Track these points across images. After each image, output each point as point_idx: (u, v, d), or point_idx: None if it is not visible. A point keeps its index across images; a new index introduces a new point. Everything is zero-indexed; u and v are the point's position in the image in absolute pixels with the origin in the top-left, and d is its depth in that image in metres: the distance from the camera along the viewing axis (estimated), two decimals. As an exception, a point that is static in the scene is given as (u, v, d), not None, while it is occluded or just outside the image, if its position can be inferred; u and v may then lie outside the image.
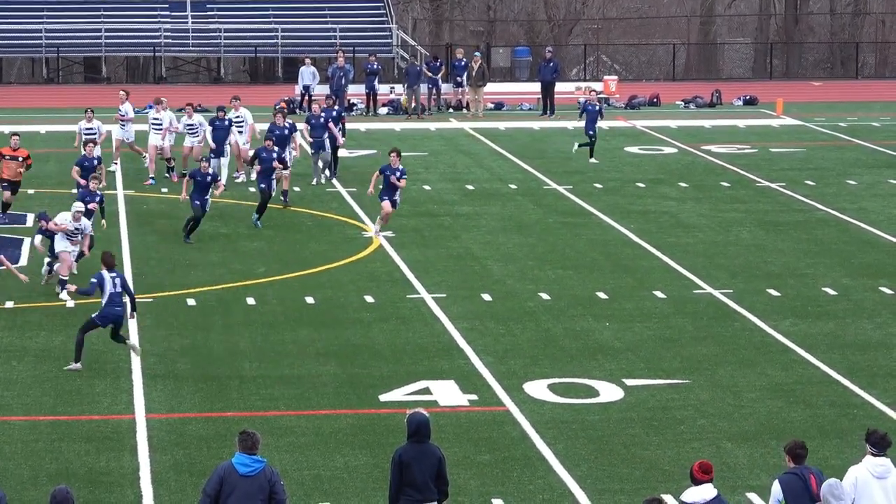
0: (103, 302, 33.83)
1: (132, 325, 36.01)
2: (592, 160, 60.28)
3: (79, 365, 34.18)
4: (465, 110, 76.74)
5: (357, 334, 37.31)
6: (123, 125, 57.15)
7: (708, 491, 21.70)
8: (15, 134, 50.71)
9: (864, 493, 22.33)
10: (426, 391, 33.22)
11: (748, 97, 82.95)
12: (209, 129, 54.48)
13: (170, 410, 31.63)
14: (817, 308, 40.08)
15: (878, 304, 40.49)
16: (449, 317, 38.54)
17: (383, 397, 32.86)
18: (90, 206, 42.31)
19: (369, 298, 39.76)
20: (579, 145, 60.89)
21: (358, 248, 45.01)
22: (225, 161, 53.92)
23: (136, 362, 34.14)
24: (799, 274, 43.51)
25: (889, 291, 41.60)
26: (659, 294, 41.24)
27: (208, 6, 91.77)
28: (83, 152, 48.87)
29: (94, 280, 34.08)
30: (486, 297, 40.04)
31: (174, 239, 46.15)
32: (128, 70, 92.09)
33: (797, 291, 41.62)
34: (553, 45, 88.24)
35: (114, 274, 34.19)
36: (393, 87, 78.52)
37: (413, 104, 75.82)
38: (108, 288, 33.83)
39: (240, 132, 55.54)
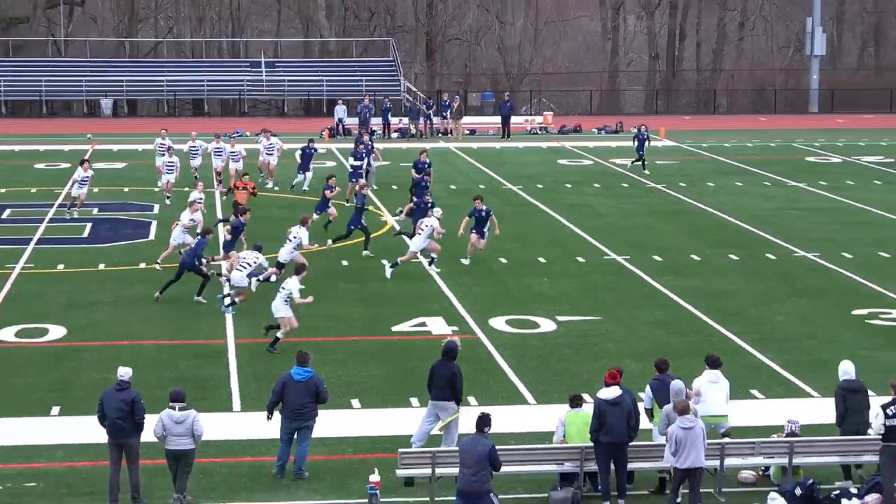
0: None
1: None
2: (646, 172, 60.38)
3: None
4: (449, 135, 76.69)
5: (377, 286, 37.30)
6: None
7: (615, 391, 21.78)
8: (246, 173, 48.15)
9: (704, 393, 23.26)
10: (423, 325, 33.21)
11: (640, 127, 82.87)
12: (298, 152, 53.62)
13: (250, 336, 31.66)
14: (687, 269, 40.08)
15: (728, 266, 40.51)
16: (438, 275, 38.51)
17: (394, 328, 32.89)
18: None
19: (385, 261, 39.76)
20: (633, 162, 61.20)
21: (375, 228, 44.87)
22: (309, 175, 53.38)
23: (227, 302, 34.13)
24: (675, 246, 43.49)
25: (735, 257, 41.61)
26: (580, 259, 41.22)
27: (276, 64, 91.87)
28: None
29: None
30: (464, 261, 40.00)
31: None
32: (222, 107, 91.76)
33: (674, 258, 41.61)
34: (509, 90, 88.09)
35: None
36: (401, 119, 78.43)
37: (414, 130, 75.93)
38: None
39: (269, 154, 54.66)
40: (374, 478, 21.59)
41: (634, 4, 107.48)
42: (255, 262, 34.01)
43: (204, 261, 35.13)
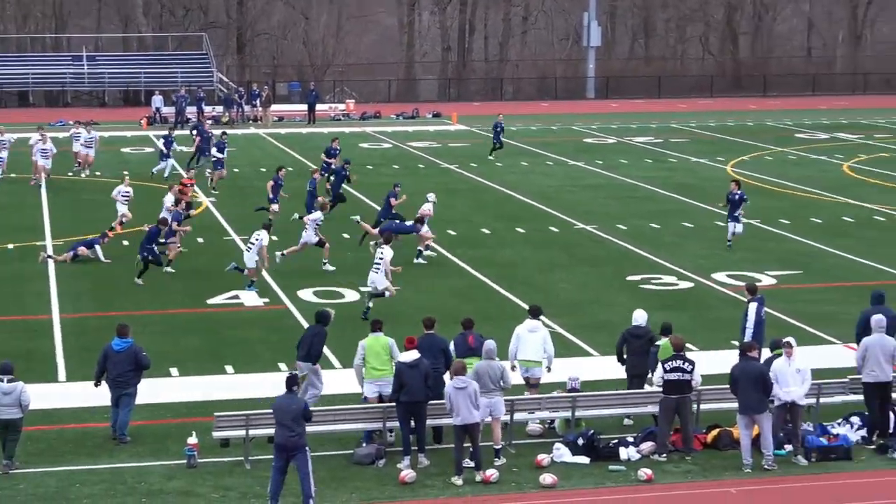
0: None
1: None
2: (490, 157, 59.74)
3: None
4: (259, 122, 75.88)
5: (193, 262, 36.77)
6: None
7: (413, 354, 21.76)
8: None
9: (521, 339, 23.68)
10: (236, 297, 32.88)
11: (435, 112, 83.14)
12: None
13: (74, 312, 31.04)
14: (478, 241, 40.28)
15: (514, 239, 40.78)
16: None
17: (209, 301, 32.49)
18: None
19: (200, 240, 39.19)
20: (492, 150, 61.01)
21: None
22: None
23: (52, 279, 33.39)
24: (467, 220, 43.68)
25: (522, 231, 41.92)
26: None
27: (97, 58, 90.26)
28: None
29: None
30: (274, 237, 39.60)
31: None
32: (46, 99, 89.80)
33: (467, 231, 41.78)
34: (314, 81, 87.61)
35: None
36: (214, 108, 77.51)
37: (227, 118, 75.03)
38: None
39: (89, 147, 53.32)
40: (192, 440, 21.43)
41: (428, 1, 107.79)
42: (256, 241, 33.11)
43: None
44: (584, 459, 21.64)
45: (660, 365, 22.10)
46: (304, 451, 19.71)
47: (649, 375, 22.91)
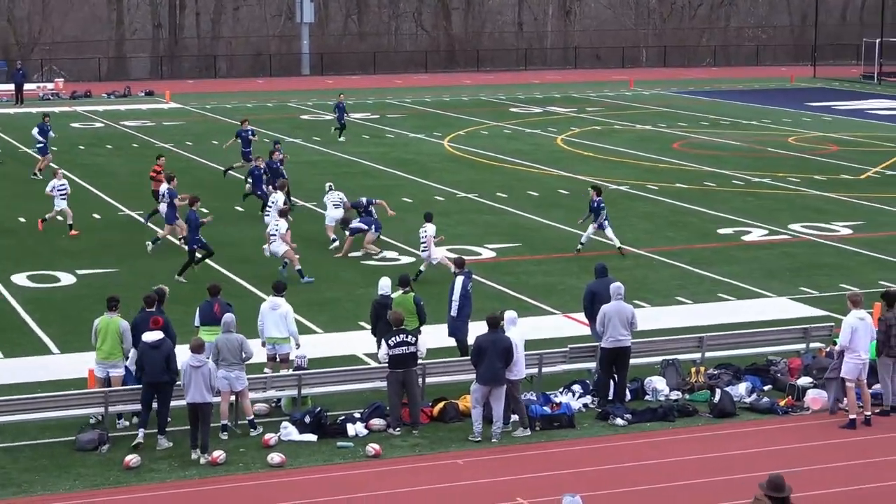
0: None
1: None
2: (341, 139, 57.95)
3: None
4: (-37, 102, 73.60)
5: None
6: None
7: (157, 335, 21.42)
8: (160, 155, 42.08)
9: (266, 317, 23.82)
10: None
11: (148, 91, 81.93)
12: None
13: None
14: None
15: (235, 217, 40.41)
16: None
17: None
18: None
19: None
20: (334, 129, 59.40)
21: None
22: None
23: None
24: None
25: (241, 209, 41.54)
26: (96, 216, 40.24)
27: None
28: None
29: None
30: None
31: None
32: None
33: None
34: (21, 59, 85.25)
35: None
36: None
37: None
38: None
39: None
40: None
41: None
42: (275, 229, 32.68)
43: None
44: (312, 437, 21.62)
45: (383, 342, 22.24)
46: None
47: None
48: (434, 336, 25.25)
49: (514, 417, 22.18)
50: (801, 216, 40.18)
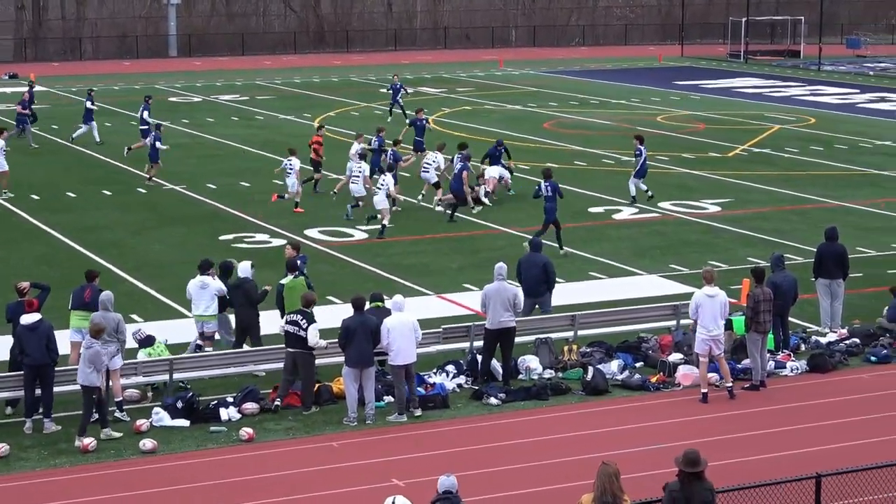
0: None
1: None
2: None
3: None
4: None
5: None
6: None
7: (35, 316, 21.11)
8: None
9: (194, 293, 24.18)
10: None
11: (12, 73, 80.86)
12: None
13: None
14: (63, 206, 39.31)
15: (102, 201, 39.98)
16: None
17: None
18: None
19: None
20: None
21: None
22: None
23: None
24: (52, 184, 42.48)
25: (108, 193, 41.10)
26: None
27: None
28: None
29: None
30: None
31: None
32: None
33: (51, 195, 40.67)
34: None
35: None
36: None
37: None
38: None
39: None
40: None
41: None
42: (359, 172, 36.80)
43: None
44: (185, 422, 21.48)
45: (282, 321, 22.55)
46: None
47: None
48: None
49: (388, 398, 22.26)
50: (670, 194, 40.68)
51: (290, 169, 38.20)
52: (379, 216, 35.14)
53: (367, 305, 22.57)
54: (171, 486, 18.95)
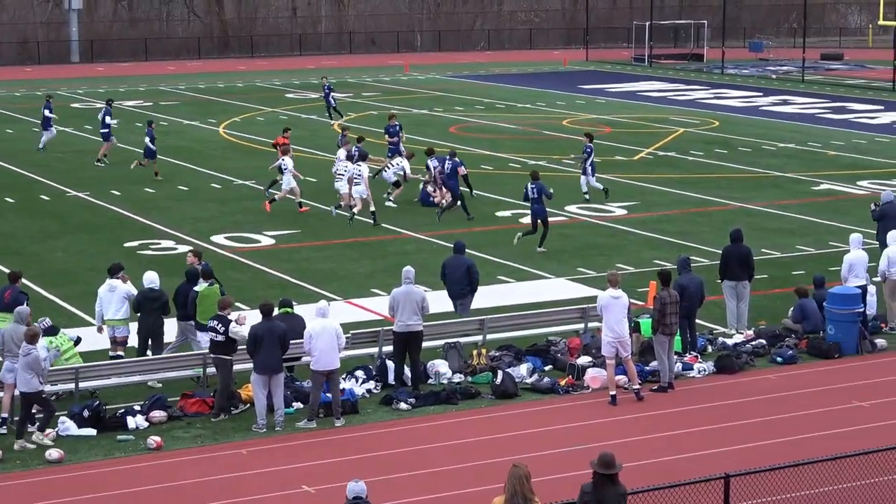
0: None
1: None
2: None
3: None
4: None
5: None
6: None
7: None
8: None
9: (104, 298, 24.20)
10: None
11: None
12: None
13: None
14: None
15: (5, 208, 39.51)
16: None
17: None
18: None
19: None
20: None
21: None
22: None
23: None
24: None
25: (11, 200, 40.63)
26: None
27: None
28: None
29: None
30: None
31: None
32: None
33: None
34: None
35: None
36: None
37: None
38: None
39: None
40: None
41: None
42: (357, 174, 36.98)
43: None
44: (91, 431, 21.27)
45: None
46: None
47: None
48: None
49: (297, 405, 22.18)
50: (577, 198, 40.86)
51: (285, 168, 38.30)
52: (360, 206, 36.71)
53: (276, 311, 22.51)
54: (79, 496, 18.76)
